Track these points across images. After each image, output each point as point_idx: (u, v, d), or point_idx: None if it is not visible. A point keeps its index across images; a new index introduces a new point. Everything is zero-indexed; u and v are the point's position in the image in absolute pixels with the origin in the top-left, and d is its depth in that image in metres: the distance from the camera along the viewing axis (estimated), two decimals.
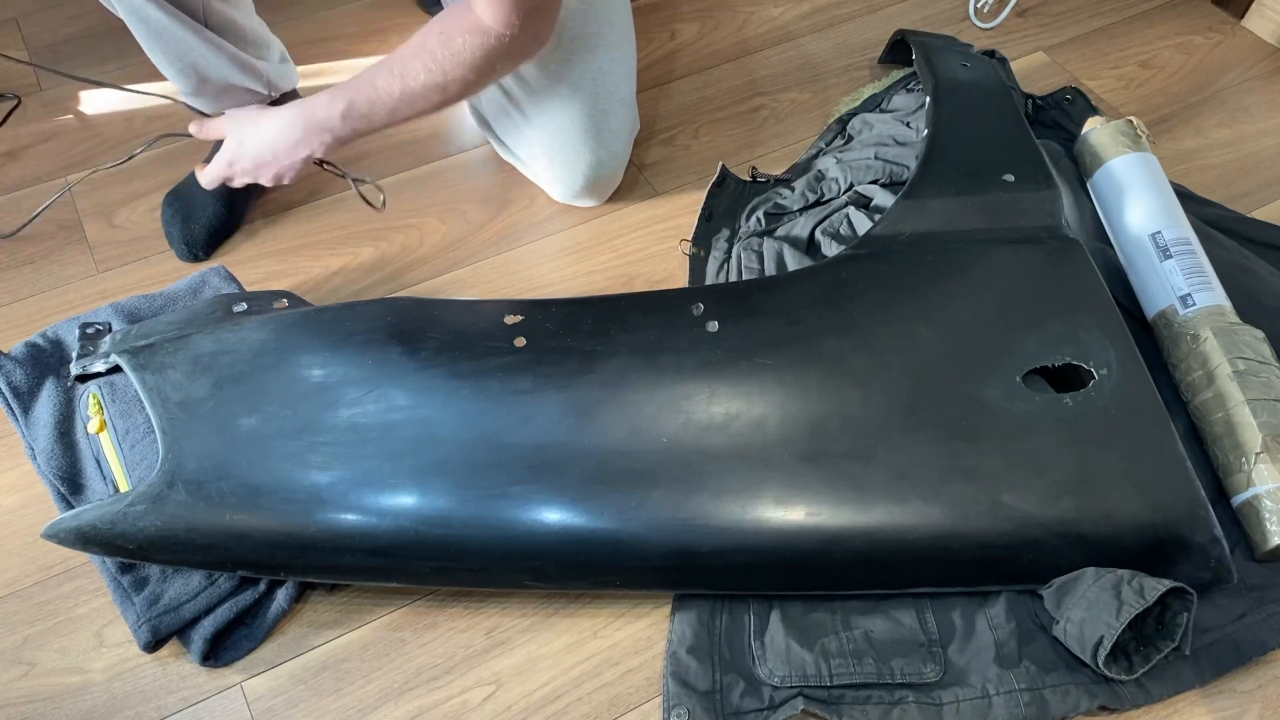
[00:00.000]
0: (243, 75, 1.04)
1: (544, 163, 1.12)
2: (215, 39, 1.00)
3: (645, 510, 0.79)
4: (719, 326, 0.88)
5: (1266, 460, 0.84)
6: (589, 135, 1.08)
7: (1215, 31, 1.37)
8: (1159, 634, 0.78)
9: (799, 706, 0.77)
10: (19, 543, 0.89)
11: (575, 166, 1.10)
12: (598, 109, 1.08)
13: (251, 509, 0.79)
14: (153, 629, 0.81)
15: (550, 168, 1.12)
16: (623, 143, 1.12)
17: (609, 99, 1.08)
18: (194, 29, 0.98)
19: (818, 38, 1.37)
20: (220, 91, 1.05)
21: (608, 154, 1.10)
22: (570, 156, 1.09)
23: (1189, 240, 0.98)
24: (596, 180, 1.12)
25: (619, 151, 1.12)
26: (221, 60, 1.01)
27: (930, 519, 0.79)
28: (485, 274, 1.10)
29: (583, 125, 1.07)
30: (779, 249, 1.05)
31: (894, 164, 1.11)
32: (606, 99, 1.08)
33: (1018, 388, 0.84)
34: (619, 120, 1.10)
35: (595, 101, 1.07)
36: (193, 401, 0.84)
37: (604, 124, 1.09)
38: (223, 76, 1.03)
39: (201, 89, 1.04)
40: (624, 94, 1.11)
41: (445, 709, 0.80)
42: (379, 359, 0.86)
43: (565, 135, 1.08)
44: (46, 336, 0.97)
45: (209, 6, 0.98)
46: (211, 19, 0.99)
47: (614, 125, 1.10)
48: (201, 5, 0.98)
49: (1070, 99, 1.23)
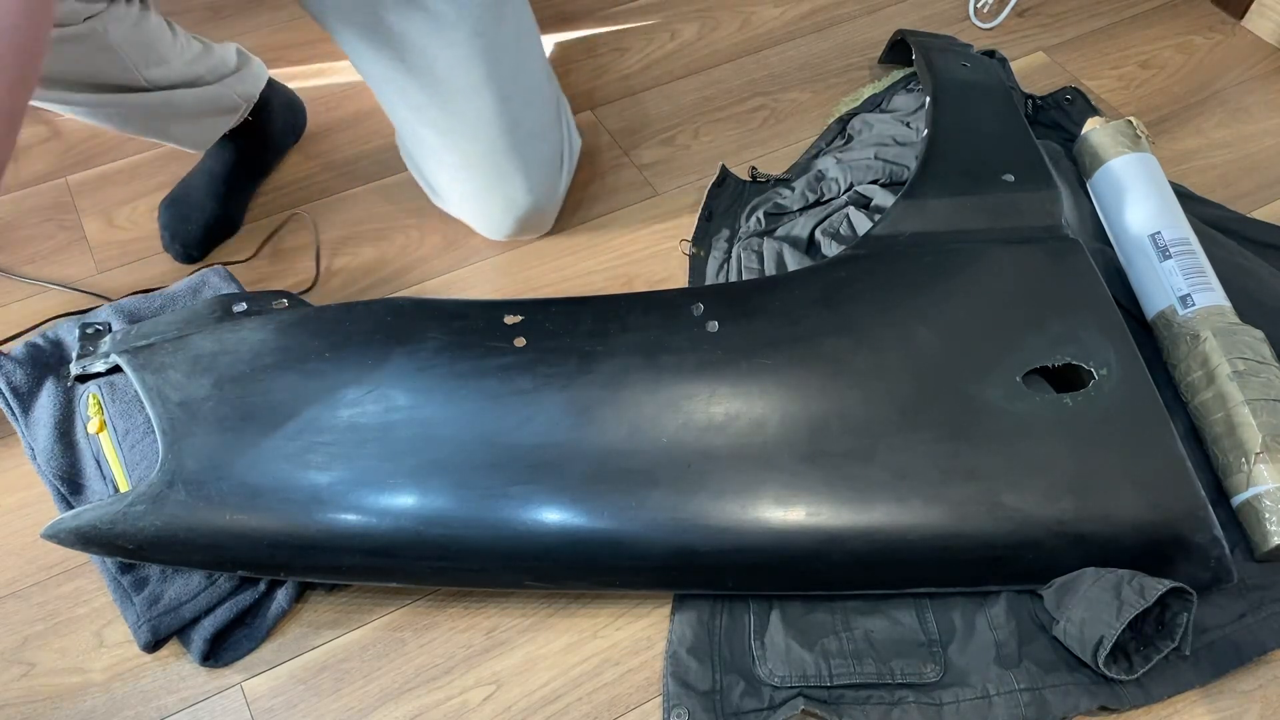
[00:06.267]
0: (211, 113, 1.04)
1: (455, 197, 1.05)
2: (170, 96, 0.99)
3: (645, 510, 0.79)
4: (719, 326, 0.88)
5: (1266, 460, 0.84)
6: (510, 159, 1.00)
7: (1215, 31, 1.36)
8: (1159, 634, 0.78)
9: (799, 706, 0.77)
10: (19, 543, 0.89)
11: (493, 200, 1.02)
12: (517, 128, 0.99)
13: (251, 509, 0.79)
14: (153, 629, 0.81)
15: (462, 203, 1.05)
16: (550, 173, 1.04)
17: (530, 116, 1.00)
18: (143, 100, 0.97)
19: (818, 38, 1.37)
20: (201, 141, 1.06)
21: (536, 184, 1.02)
22: (486, 188, 1.01)
23: (1189, 240, 0.98)
24: (523, 220, 1.05)
25: (547, 182, 1.04)
26: (184, 110, 1.01)
27: (930, 519, 0.79)
28: (485, 274, 1.10)
29: (502, 148, 0.99)
30: (779, 249, 1.05)
31: (894, 164, 1.11)
32: (527, 116, 1.00)
33: (1018, 388, 0.84)
34: (546, 144, 1.02)
35: (513, 118, 0.98)
36: (193, 401, 0.84)
37: (528, 148, 1.00)
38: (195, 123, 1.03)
39: (186, 140, 1.05)
40: (543, 104, 1.02)
41: (445, 709, 0.80)
42: (379, 359, 0.86)
43: (480, 163, 1.00)
44: (46, 336, 0.97)
45: (144, 75, 0.95)
46: (154, 83, 0.97)
47: (540, 151, 1.02)
48: (138, 76, 0.95)
49: (1070, 99, 1.23)
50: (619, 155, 1.22)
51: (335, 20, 0.96)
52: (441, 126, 0.99)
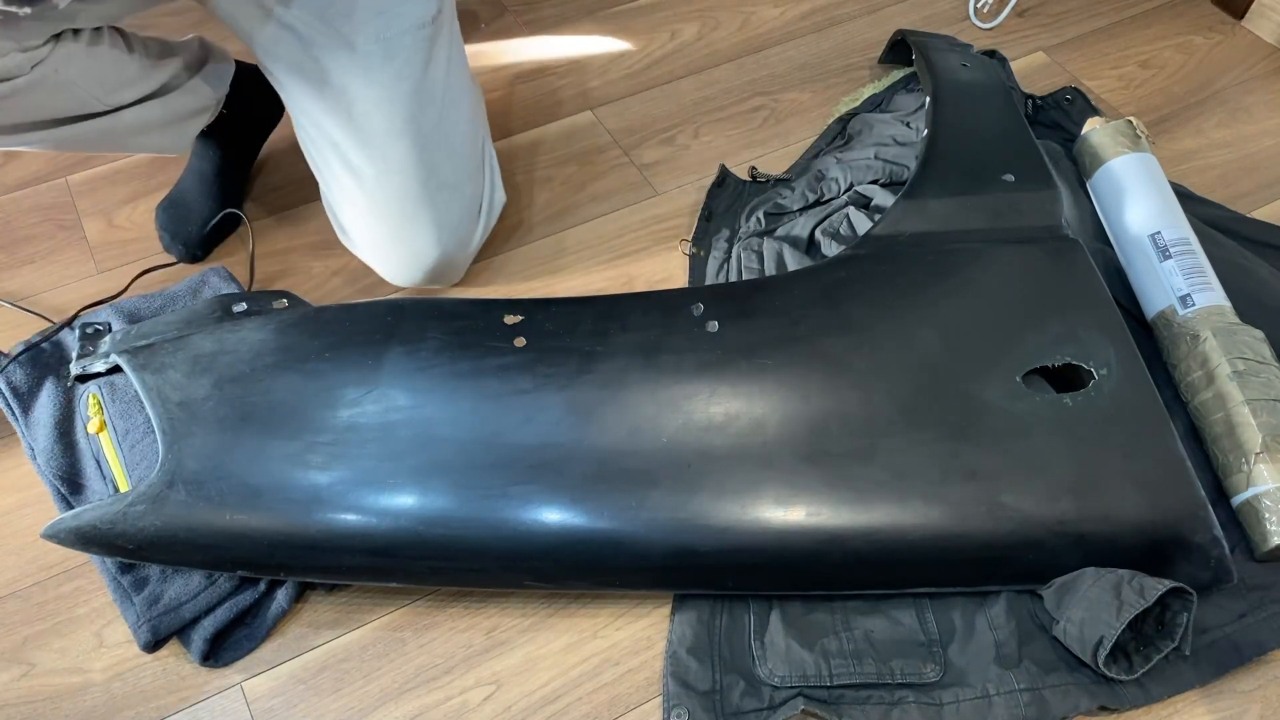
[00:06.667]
0: (182, 118, 1.02)
1: (363, 242, 1.01)
2: (138, 113, 0.97)
3: (645, 510, 0.79)
4: (719, 326, 0.88)
5: (1266, 460, 0.84)
6: (422, 208, 0.96)
7: (1215, 31, 1.36)
8: (1159, 634, 0.78)
9: (799, 706, 0.77)
10: (19, 543, 0.89)
11: (401, 249, 0.98)
12: (432, 178, 0.96)
13: (251, 509, 0.79)
14: (153, 629, 0.81)
15: (369, 249, 1.01)
16: (464, 226, 1.01)
17: (448, 166, 0.97)
18: (110, 123, 0.95)
19: (818, 38, 1.37)
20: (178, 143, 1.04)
21: (448, 236, 0.99)
22: (394, 235, 0.98)
23: (1189, 240, 0.98)
24: (432, 271, 1.01)
25: (460, 235, 1.00)
26: (154, 123, 0.99)
27: (930, 519, 0.79)
28: (485, 274, 1.10)
29: (415, 197, 0.96)
30: (779, 249, 1.05)
31: (894, 164, 1.11)
32: (445, 166, 0.97)
33: (1018, 388, 0.84)
34: (462, 196, 0.99)
35: (430, 167, 0.95)
36: (193, 401, 0.84)
37: (441, 198, 0.97)
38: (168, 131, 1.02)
39: (163, 148, 1.04)
40: (465, 156, 0.99)
41: (445, 709, 0.80)
42: (379, 359, 0.86)
43: (390, 210, 0.96)
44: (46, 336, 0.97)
45: (105, 102, 0.93)
46: (118, 104, 0.95)
47: (455, 203, 0.98)
48: (100, 104, 0.92)
49: (1070, 99, 1.23)
50: (619, 155, 1.22)
51: (262, 50, 0.93)
52: (356, 168, 0.95)
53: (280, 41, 0.91)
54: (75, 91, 0.89)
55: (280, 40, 0.91)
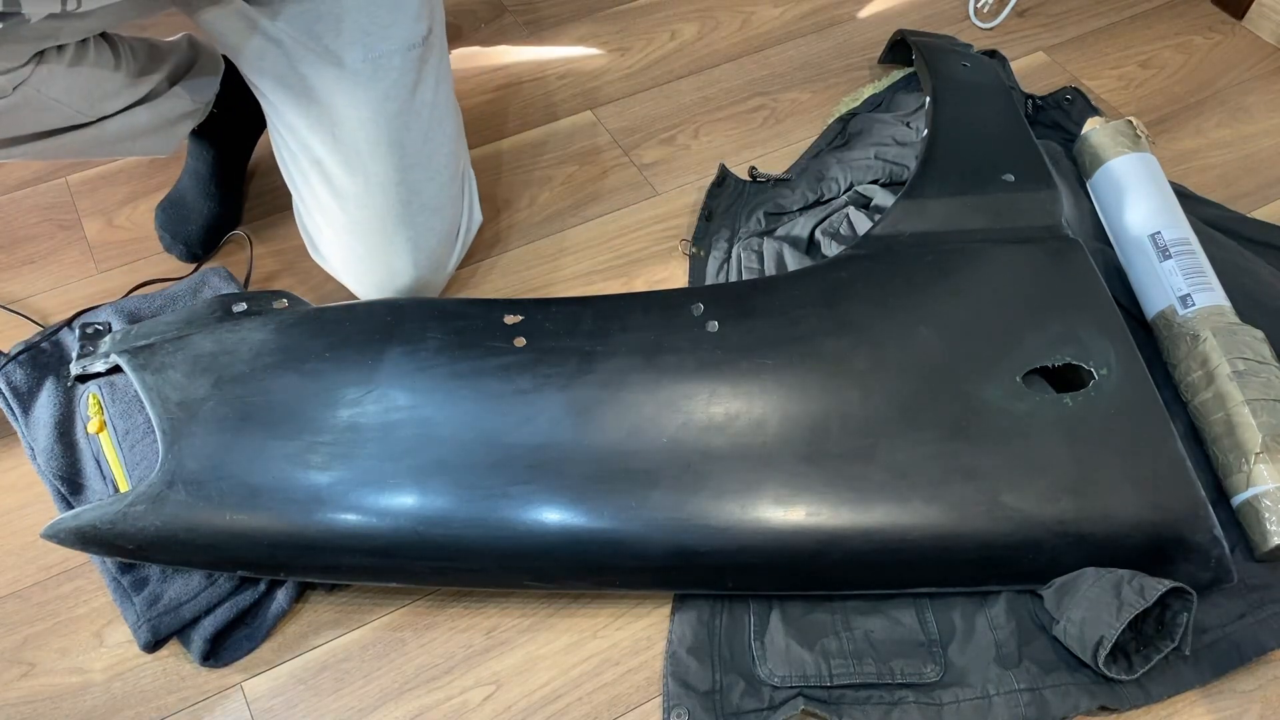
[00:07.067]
0: (171, 121, 1.02)
1: (338, 260, 0.99)
2: (126, 120, 0.96)
3: (645, 510, 0.79)
4: (719, 326, 0.88)
5: (1266, 460, 0.84)
6: (401, 229, 0.95)
7: (1215, 31, 1.37)
8: (1159, 634, 0.78)
9: (799, 706, 0.77)
10: (19, 543, 0.89)
11: (376, 269, 0.97)
12: (414, 199, 0.95)
13: (251, 509, 0.79)
14: (153, 629, 0.81)
15: (344, 266, 0.99)
16: (441, 249, 0.99)
17: (430, 188, 0.96)
18: (98, 131, 0.94)
19: (818, 38, 1.37)
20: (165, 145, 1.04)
21: (424, 258, 0.97)
22: (370, 255, 0.97)
23: (1189, 240, 0.98)
24: (406, 292, 0.99)
25: (436, 257, 0.99)
26: (143, 128, 0.98)
27: (930, 519, 0.79)
28: (485, 274, 1.10)
29: (395, 217, 0.95)
30: (779, 249, 1.05)
31: (894, 164, 1.11)
32: (427, 187, 0.96)
33: (1018, 388, 0.84)
34: (442, 219, 0.98)
35: (411, 188, 0.95)
36: (193, 401, 0.84)
37: (421, 220, 0.96)
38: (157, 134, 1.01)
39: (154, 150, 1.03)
40: (447, 179, 0.98)
41: (445, 709, 0.80)
42: (379, 359, 0.86)
43: (368, 229, 0.96)
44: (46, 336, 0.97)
45: (92, 113, 0.92)
46: (106, 114, 0.94)
47: (434, 226, 0.97)
48: (87, 116, 0.92)
49: (1070, 99, 1.23)
50: (619, 155, 1.22)
51: (247, 64, 0.93)
52: (338, 186, 0.95)
53: (266, 55, 0.90)
54: (59, 108, 0.88)
55: (266, 54, 0.90)
